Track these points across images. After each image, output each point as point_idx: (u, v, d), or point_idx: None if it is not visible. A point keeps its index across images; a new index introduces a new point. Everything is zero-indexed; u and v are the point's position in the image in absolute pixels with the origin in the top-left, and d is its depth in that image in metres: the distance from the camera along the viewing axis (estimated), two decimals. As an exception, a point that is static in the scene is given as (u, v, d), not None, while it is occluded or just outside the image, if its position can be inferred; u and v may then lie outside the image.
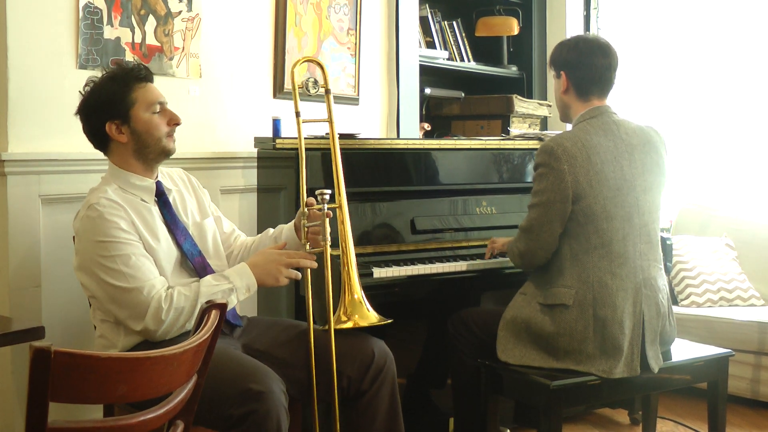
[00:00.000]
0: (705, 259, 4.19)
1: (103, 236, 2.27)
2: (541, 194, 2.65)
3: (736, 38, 4.61)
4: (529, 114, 4.44)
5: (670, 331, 2.80)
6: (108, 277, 2.26)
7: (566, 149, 2.62)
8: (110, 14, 2.87)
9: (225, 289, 2.32)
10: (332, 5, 3.67)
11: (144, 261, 2.30)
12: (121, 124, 2.37)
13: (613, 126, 2.72)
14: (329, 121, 2.64)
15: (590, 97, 2.78)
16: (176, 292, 2.28)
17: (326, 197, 2.43)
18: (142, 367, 1.47)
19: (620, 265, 2.63)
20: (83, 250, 2.32)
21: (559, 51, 2.85)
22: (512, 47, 4.87)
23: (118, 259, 2.26)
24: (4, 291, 2.63)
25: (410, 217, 3.10)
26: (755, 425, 3.64)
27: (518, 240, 2.76)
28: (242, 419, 2.07)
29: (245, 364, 2.21)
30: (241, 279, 2.36)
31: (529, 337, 2.69)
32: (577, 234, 2.64)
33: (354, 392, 2.45)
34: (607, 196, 2.62)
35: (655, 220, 2.75)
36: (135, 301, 2.24)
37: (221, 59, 3.27)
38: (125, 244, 2.28)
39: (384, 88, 3.96)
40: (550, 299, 2.66)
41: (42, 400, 1.34)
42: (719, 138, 4.69)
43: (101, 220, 2.28)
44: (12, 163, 2.60)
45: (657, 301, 2.70)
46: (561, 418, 2.61)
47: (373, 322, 2.44)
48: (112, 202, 2.32)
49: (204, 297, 2.27)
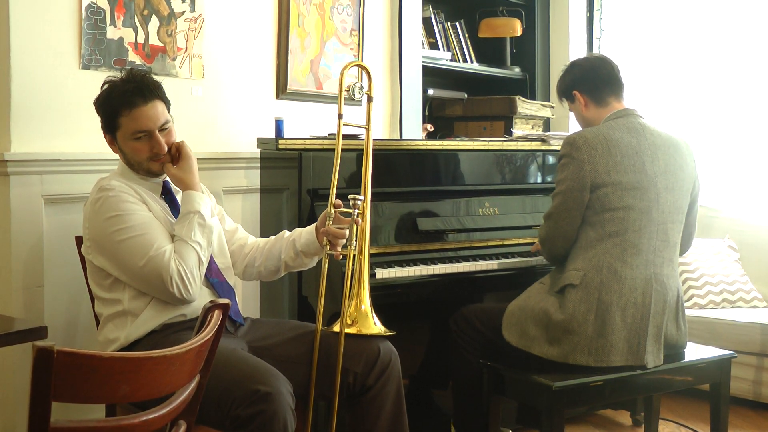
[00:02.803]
0: (708, 261, 4.18)
1: (115, 211, 2.32)
2: (562, 183, 2.74)
3: (740, 39, 4.61)
4: (532, 115, 4.43)
5: (678, 335, 2.79)
6: (124, 251, 2.30)
7: (587, 140, 2.71)
8: (113, 14, 2.87)
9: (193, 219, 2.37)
10: (335, 6, 3.67)
11: (155, 227, 2.35)
12: (112, 140, 2.47)
13: (639, 126, 2.79)
14: (366, 128, 2.66)
15: (608, 100, 2.88)
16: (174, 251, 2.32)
17: (358, 203, 2.45)
18: (144, 367, 1.47)
19: (633, 255, 2.67)
20: (96, 230, 2.36)
21: (562, 79, 2.99)
22: (515, 48, 4.86)
23: (131, 229, 2.31)
24: (7, 291, 2.63)
25: (413, 218, 3.10)
26: (757, 427, 3.64)
27: (541, 228, 2.86)
28: (249, 420, 2.08)
29: (253, 365, 2.22)
30: (191, 201, 2.40)
31: (532, 314, 2.73)
32: (594, 222, 2.70)
33: (359, 388, 2.46)
34: (626, 188, 2.68)
35: (675, 222, 2.77)
36: (157, 268, 2.28)
37: (224, 60, 3.27)
38: (135, 214, 2.34)
39: (387, 89, 3.96)
40: (561, 282, 2.72)
41: (44, 400, 1.34)
42: (722, 139, 4.68)
43: (112, 199, 2.34)
44: (15, 163, 2.60)
45: (665, 299, 2.71)
46: (563, 419, 2.61)
47: (377, 332, 2.46)
48: (123, 185, 2.39)
49: (188, 237, 2.34)
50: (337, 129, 2.60)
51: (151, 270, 2.29)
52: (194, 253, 2.34)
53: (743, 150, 4.63)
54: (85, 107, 2.81)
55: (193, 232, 2.35)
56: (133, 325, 2.36)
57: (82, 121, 2.81)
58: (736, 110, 4.63)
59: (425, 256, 3.07)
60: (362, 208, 2.50)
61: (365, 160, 2.59)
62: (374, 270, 2.85)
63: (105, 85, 2.46)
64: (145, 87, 2.41)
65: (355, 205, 2.45)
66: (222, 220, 2.69)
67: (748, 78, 4.59)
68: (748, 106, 4.59)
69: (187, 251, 2.33)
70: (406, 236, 3.08)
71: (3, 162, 2.58)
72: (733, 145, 4.66)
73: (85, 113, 2.82)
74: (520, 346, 2.74)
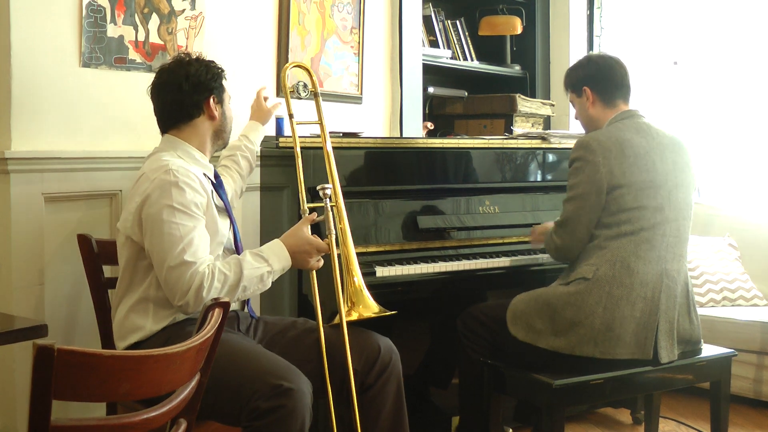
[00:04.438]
0: (708, 259, 4.18)
1: (175, 202, 2.28)
2: (577, 187, 2.71)
3: (740, 36, 4.61)
4: (532, 113, 4.43)
5: (691, 329, 2.81)
6: (166, 242, 2.26)
7: (601, 143, 2.70)
8: (113, 12, 2.87)
9: (264, 273, 2.34)
10: (335, 4, 3.67)
11: (203, 238, 2.32)
12: (217, 102, 2.50)
13: (644, 126, 2.80)
14: (320, 123, 2.71)
15: (617, 102, 2.88)
16: (217, 271, 2.27)
17: (327, 191, 2.49)
18: (144, 365, 1.47)
19: (646, 251, 2.68)
20: (151, 208, 2.29)
21: (574, 71, 2.97)
22: (515, 46, 4.86)
23: (183, 228, 2.27)
24: (7, 289, 2.63)
25: (413, 217, 3.10)
26: (758, 425, 3.64)
27: (555, 234, 2.81)
28: (269, 412, 2.09)
29: (276, 361, 2.24)
30: (279, 262, 2.38)
31: (538, 306, 2.72)
32: (609, 223, 2.70)
33: (359, 386, 2.47)
34: (641, 188, 2.68)
35: (686, 218, 2.80)
36: (183, 275, 2.23)
37: (224, 58, 3.26)
38: (192, 216, 2.30)
39: (387, 87, 3.96)
40: (572, 276, 2.72)
41: (45, 398, 1.34)
42: (722, 137, 4.68)
43: (177, 188, 2.29)
44: (15, 161, 2.60)
45: (675, 294, 2.72)
46: (563, 417, 2.62)
47: (376, 311, 2.47)
48: (189, 172, 2.35)
49: (246, 280, 2.29)
50: (291, 129, 2.69)
51: (177, 275, 2.24)
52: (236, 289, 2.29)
53: (744, 148, 4.63)
54: (86, 105, 2.82)
55: (253, 278, 2.31)
56: (155, 317, 2.34)
57: (83, 119, 2.81)
58: (737, 108, 4.63)
59: (426, 255, 3.07)
60: (334, 200, 2.53)
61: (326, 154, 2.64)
62: (375, 268, 2.85)
63: (173, 63, 2.50)
64: None
65: (325, 195, 2.48)
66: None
67: (749, 76, 4.59)
68: (749, 104, 4.59)
69: (230, 284, 2.27)
70: (406, 234, 3.08)
71: (3, 160, 2.58)
72: (734, 143, 4.66)
73: (85, 111, 2.82)
74: (527, 340, 2.74)
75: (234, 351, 2.24)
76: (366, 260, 2.88)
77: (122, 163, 2.84)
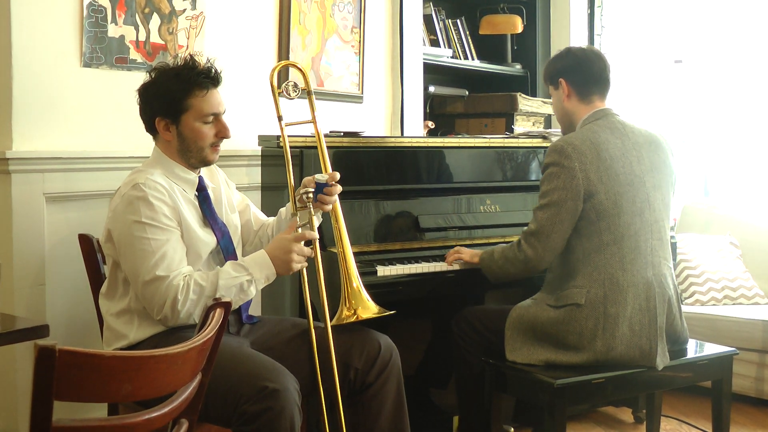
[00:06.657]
0: (709, 258, 4.18)
1: (144, 217, 2.27)
2: (552, 194, 2.62)
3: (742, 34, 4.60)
4: (533, 112, 4.43)
5: (681, 330, 2.80)
6: (138, 258, 2.26)
7: (576, 147, 2.62)
8: (114, 12, 2.87)
9: (244, 282, 2.32)
10: (336, 3, 3.67)
11: (177, 250, 2.30)
12: (170, 123, 2.39)
13: (619, 125, 2.73)
14: (313, 122, 2.64)
15: (592, 98, 2.79)
16: (192, 282, 2.26)
17: (307, 196, 2.45)
18: (146, 365, 1.47)
19: (631, 261, 2.63)
20: (120, 225, 2.30)
21: (553, 63, 2.89)
22: (516, 45, 4.86)
23: (153, 242, 2.26)
24: (9, 289, 2.63)
25: (414, 216, 3.10)
26: (759, 424, 3.64)
27: (525, 245, 2.69)
28: (256, 416, 2.08)
29: (260, 362, 2.22)
30: (260, 270, 2.35)
31: (536, 335, 2.69)
32: (590, 233, 2.63)
33: (360, 385, 2.46)
34: (618, 192, 2.61)
35: (665, 218, 2.76)
36: (158, 290, 2.24)
37: (225, 57, 3.26)
38: (163, 229, 2.28)
39: (388, 86, 3.95)
40: (562, 301, 2.66)
41: (46, 399, 1.34)
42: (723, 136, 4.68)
43: (144, 202, 2.27)
44: (16, 162, 2.60)
45: (666, 298, 2.70)
46: (565, 417, 2.61)
47: (375, 312, 2.46)
48: (158, 185, 2.32)
49: (222, 290, 2.27)
50: (280, 131, 2.60)
51: (152, 291, 2.25)
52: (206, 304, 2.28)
53: (746, 147, 4.62)
54: (87, 105, 2.82)
55: (230, 288, 2.29)
56: (140, 327, 2.34)
57: (84, 119, 2.81)
58: (740, 107, 4.63)
59: (427, 254, 3.07)
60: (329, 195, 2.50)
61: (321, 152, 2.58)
62: (376, 267, 2.85)
63: (155, 72, 2.41)
64: (216, 72, 2.43)
65: (309, 199, 2.45)
66: (247, 210, 2.71)
67: (751, 74, 4.59)
68: (751, 103, 4.59)
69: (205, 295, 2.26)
70: (407, 234, 3.08)
71: (4, 160, 2.58)
72: (736, 141, 4.66)
73: (86, 111, 2.82)
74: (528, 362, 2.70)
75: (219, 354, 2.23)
76: (367, 259, 2.88)
77: (123, 163, 2.84)
